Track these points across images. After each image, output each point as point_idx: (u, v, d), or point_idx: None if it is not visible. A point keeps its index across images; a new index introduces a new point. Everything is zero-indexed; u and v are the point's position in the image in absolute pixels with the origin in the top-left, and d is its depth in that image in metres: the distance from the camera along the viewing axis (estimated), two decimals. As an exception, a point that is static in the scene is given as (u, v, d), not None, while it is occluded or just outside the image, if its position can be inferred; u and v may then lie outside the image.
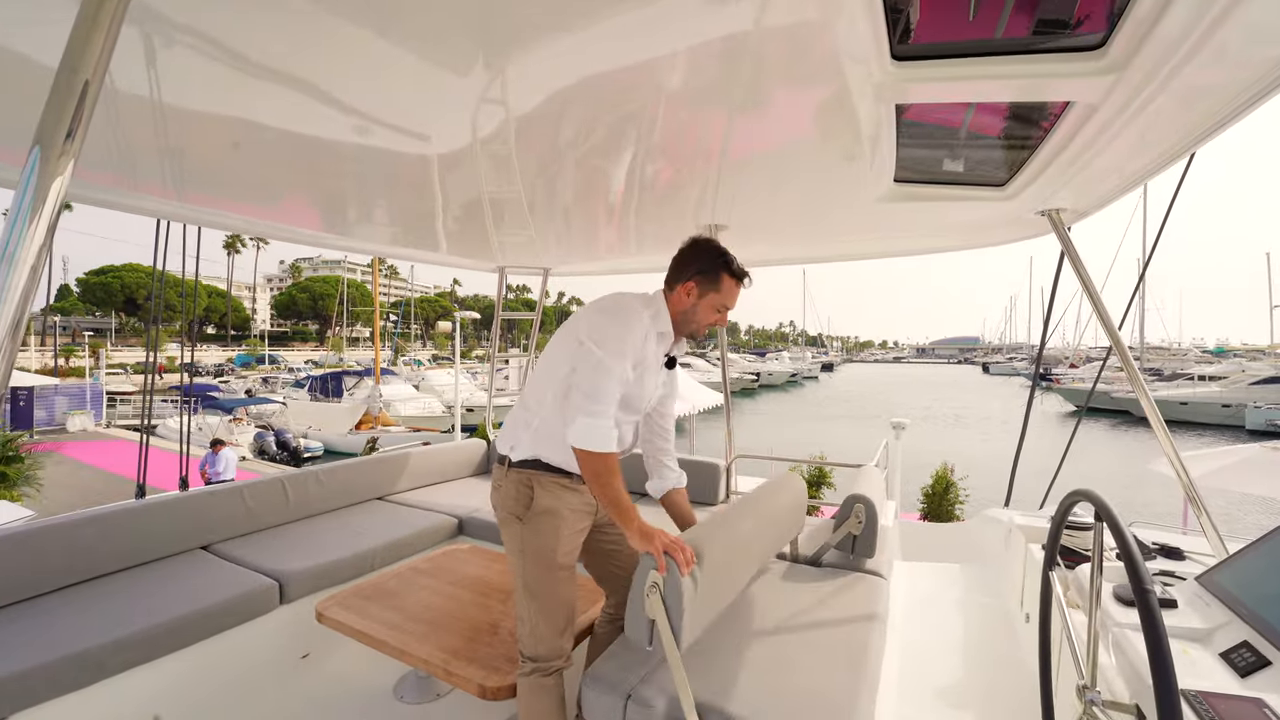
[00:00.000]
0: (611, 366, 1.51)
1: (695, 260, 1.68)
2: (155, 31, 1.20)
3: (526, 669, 1.66)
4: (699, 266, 1.66)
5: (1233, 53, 1.15)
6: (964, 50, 1.30)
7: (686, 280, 1.66)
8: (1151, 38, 1.14)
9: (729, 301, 1.69)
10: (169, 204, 2.41)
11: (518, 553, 1.67)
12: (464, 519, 3.16)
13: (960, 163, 2.04)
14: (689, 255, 1.69)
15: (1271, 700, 1.05)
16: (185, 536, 2.61)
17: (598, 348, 1.53)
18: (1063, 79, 1.32)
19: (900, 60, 1.32)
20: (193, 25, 1.18)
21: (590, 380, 1.51)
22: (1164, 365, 37.67)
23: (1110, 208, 2.27)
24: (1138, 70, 1.24)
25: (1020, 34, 1.25)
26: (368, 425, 17.23)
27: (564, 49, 1.29)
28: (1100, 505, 1.14)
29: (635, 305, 1.64)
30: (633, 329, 1.57)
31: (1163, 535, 2.15)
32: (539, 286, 4.33)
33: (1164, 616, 1.39)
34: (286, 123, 1.67)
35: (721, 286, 1.67)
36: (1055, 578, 1.43)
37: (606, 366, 1.51)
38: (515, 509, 1.66)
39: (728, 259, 1.67)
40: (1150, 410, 2.14)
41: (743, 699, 1.46)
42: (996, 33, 1.25)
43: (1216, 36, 1.08)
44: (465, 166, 2.07)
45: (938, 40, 1.28)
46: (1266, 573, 1.35)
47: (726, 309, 1.70)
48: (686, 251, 1.71)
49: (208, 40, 1.23)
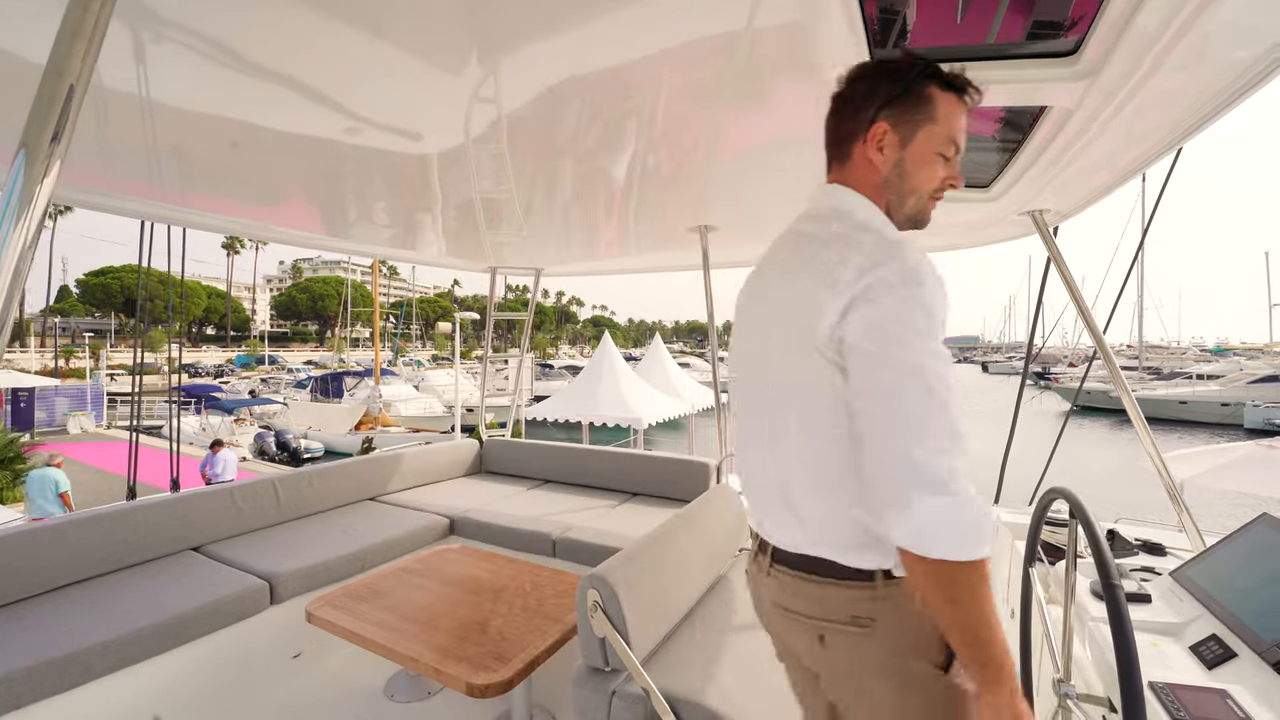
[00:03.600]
0: (943, 371, 0.80)
1: (873, 91, 0.98)
2: (145, 30, 1.20)
3: None
4: (886, 94, 0.97)
5: (1204, 55, 1.17)
6: (941, 55, 1.32)
7: (871, 126, 0.97)
8: (1122, 43, 1.16)
9: (957, 133, 0.98)
10: (158, 206, 2.42)
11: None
12: (456, 519, 3.17)
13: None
14: (861, 89, 0.99)
15: (1234, 691, 1.07)
16: (176, 538, 2.62)
17: (902, 348, 0.81)
18: (1038, 84, 1.34)
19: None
20: (183, 23, 1.18)
21: (916, 411, 0.79)
22: (1163, 364, 37.66)
23: (1111, 204, 2.29)
24: (1111, 75, 1.26)
25: (998, 39, 1.27)
26: (367, 426, 17.26)
27: (553, 50, 1.31)
28: (1074, 502, 1.16)
29: (919, 255, 0.86)
30: (939, 297, 0.84)
31: (1148, 531, 2.17)
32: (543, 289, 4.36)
33: (1139, 611, 1.43)
34: (275, 122, 1.67)
35: (937, 109, 0.96)
36: (1035, 574, 1.44)
37: (936, 374, 0.80)
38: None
39: (927, 63, 0.97)
40: (1132, 408, 2.16)
41: (721, 694, 1.48)
42: (989, 37, 1.26)
43: (1186, 40, 1.10)
44: (456, 167, 2.08)
45: (916, 45, 1.29)
46: (1234, 568, 1.37)
47: (959, 147, 0.99)
48: (854, 84, 1.01)
49: (197, 38, 1.23)
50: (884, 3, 1.16)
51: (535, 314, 4.58)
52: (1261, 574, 1.30)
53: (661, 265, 3.93)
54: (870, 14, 1.17)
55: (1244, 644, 1.16)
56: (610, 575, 1.58)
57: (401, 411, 19.43)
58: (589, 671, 1.60)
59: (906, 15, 1.21)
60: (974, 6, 1.18)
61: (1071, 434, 20.51)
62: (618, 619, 1.53)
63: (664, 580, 1.78)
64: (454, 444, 4.16)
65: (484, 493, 3.62)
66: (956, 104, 0.97)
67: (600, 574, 1.59)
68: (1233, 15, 1.03)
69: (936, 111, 0.96)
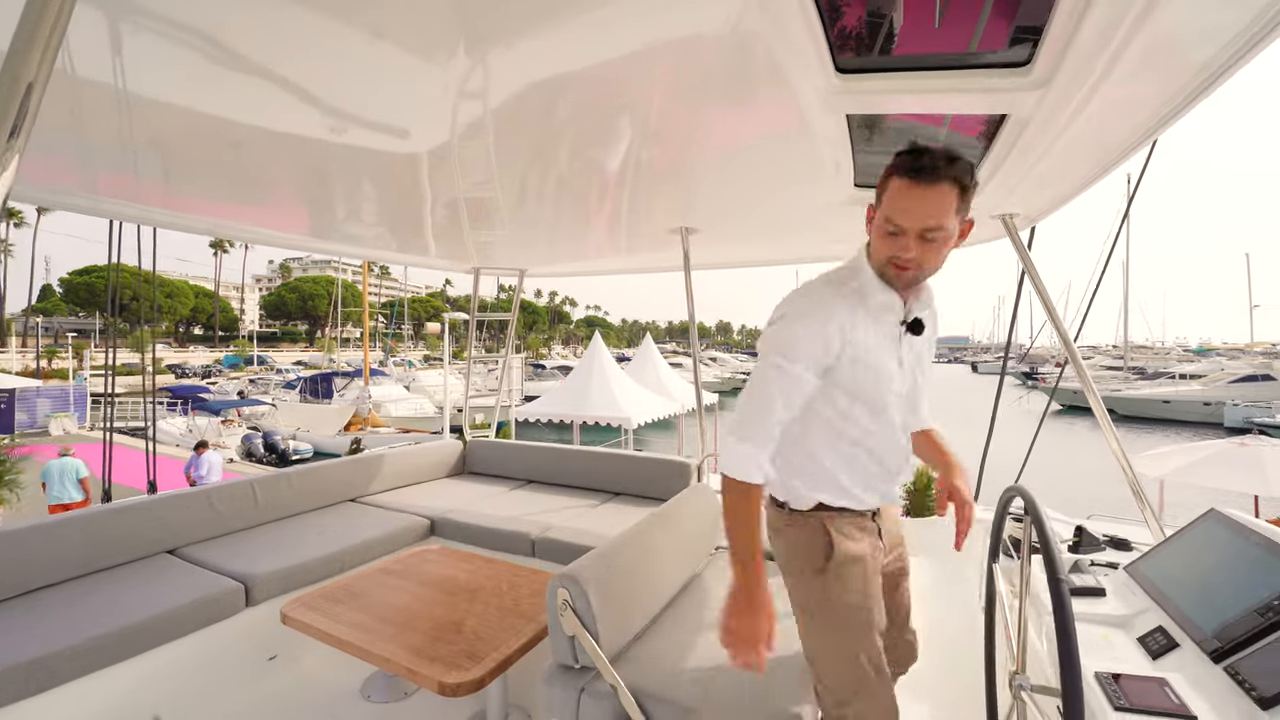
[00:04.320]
0: (768, 374, 1.22)
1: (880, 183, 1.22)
2: (118, 20, 1.17)
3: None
4: (877, 187, 1.23)
5: (1152, 62, 1.19)
6: (902, 64, 1.35)
7: (868, 208, 1.26)
8: (1071, 53, 1.19)
9: (893, 213, 1.16)
10: (131, 206, 2.40)
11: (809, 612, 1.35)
12: (436, 520, 3.17)
13: None
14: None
15: (1173, 680, 1.11)
16: (150, 540, 2.60)
17: (762, 357, 1.26)
18: (995, 94, 1.37)
19: (845, 73, 1.37)
20: (156, 11, 1.15)
21: (744, 396, 1.26)
22: (1148, 364, 38.20)
23: (1101, 207, 2.33)
24: (1063, 84, 1.29)
25: (956, 49, 1.30)
26: (356, 427, 17.15)
27: (531, 49, 1.32)
28: (1027, 501, 1.19)
29: (815, 287, 1.27)
30: (806, 326, 1.22)
31: (1117, 527, 2.22)
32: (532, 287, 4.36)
33: (1094, 605, 1.46)
34: (255, 118, 1.65)
35: (884, 194, 1.18)
36: (998, 570, 1.47)
37: (764, 374, 1.23)
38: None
39: (900, 153, 1.19)
40: (1098, 408, 2.21)
41: (689, 690, 1.50)
42: (949, 47, 1.29)
43: (1132, 48, 1.13)
44: (437, 166, 2.08)
45: (876, 55, 1.32)
46: (1182, 562, 1.41)
47: (898, 226, 1.16)
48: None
49: (170, 26, 1.20)
50: (844, 14, 1.18)
51: (529, 314, 4.59)
52: (1205, 567, 1.34)
53: (644, 266, 3.95)
54: (830, 24, 1.19)
55: (1186, 635, 1.20)
56: (580, 574, 1.60)
57: (392, 412, 19.32)
58: (559, 669, 1.61)
59: (866, 26, 1.23)
60: (931, 18, 1.21)
61: (1061, 432, 20.78)
62: (587, 617, 1.54)
63: (636, 579, 1.79)
64: (437, 445, 4.16)
65: (466, 493, 3.62)
66: (900, 186, 1.16)
67: (570, 573, 1.60)
68: (1174, 23, 1.06)
69: (884, 195, 1.19)
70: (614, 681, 1.48)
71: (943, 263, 1.23)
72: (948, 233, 1.16)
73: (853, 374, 1.24)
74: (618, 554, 1.81)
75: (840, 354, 1.22)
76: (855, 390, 1.25)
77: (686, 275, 3.28)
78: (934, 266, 1.21)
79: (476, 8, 1.17)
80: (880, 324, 1.26)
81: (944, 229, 1.15)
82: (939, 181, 1.13)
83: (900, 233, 1.16)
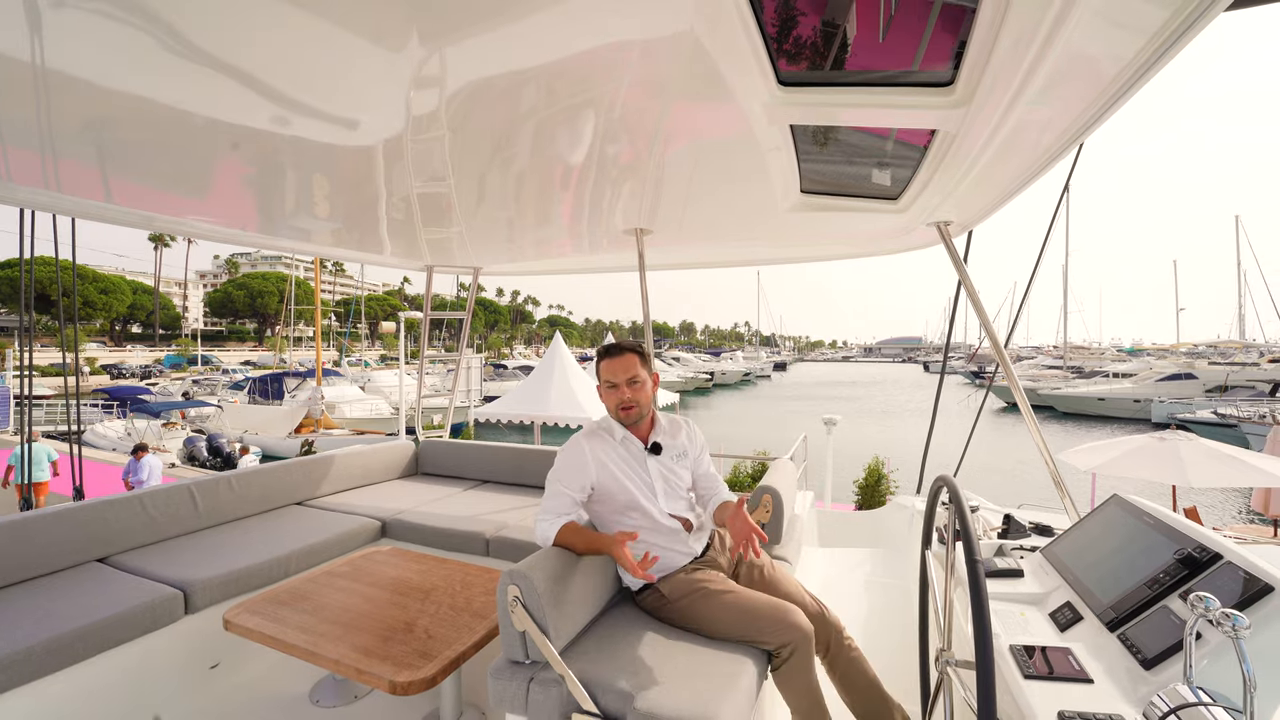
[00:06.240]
0: (550, 487, 1.95)
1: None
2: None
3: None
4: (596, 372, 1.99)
5: (1065, 76, 1.29)
6: (841, 80, 1.42)
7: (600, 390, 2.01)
8: (988, 73, 1.27)
9: (606, 375, 1.93)
10: (47, 195, 2.27)
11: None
12: (387, 521, 3.11)
13: (859, 177, 2.19)
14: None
15: (1076, 648, 1.21)
16: (78, 549, 2.47)
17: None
18: (924, 110, 1.46)
19: (786, 86, 1.43)
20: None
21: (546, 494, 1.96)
22: (1085, 364, 40.48)
23: (1039, 212, 2.48)
24: (983, 101, 1.38)
25: (886, 67, 1.38)
26: (309, 429, 16.55)
27: (485, 45, 1.32)
28: (951, 490, 1.27)
29: (576, 439, 1.97)
30: (567, 459, 1.93)
31: (1043, 515, 2.37)
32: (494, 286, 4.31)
33: (1013, 585, 1.57)
34: (191, 104, 1.58)
35: (600, 372, 1.96)
36: (930, 556, 1.56)
37: (552, 485, 1.94)
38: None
39: (599, 350, 2.00)
40: (1023, 406, 2.36)
41: (634, 679, 1.53)
42: (880, 64, 1.36)
43: (1045, 64, 1.21)
44: (389, 160, 2.05)
45: (812, 69, 1.39)
46: (1086, 544, 1.53)
47: (610, 384, 1.92)
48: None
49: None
50: (786, 29, 1.24)
51: (491, 313, 4.55)
52: (1107, 548, 1.46)
53: (601, 266, 3.98)
54: (772, 38, 1.25)
55: (1088, 609, 1.31)
56: (530, 571, 1.61)
57: (346, 413, 18.72)
58: (509, 664, 1.62)
59: (809, 42, 1.30)
60: (866, 35, 1.28)
61: (1007, 430, 21.88)
62: (537, 612, 1.56)
63: (585, 574, 1.81)
64: (388, 446, 4.07)
65: (418, 494, 3.57)
66: (604, 360, 1.94)
67: (520, 569, 1.61)
68: (1081, 41, 1.15)
69: (600, 373, 1.95)
70: (563, 671, 1.50)
71: (650, 401, 1.94)
72: (643, 379, 1.91)
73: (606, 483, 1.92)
74: (567, 550, 1.83)
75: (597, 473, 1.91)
76: (610, 494, 1.93)
77: (641, 276, 3.32)
78: (646, 403, 1.92)
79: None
80: (628, 450, 1.95)
81: (639, 378, 1.90)
82: (624, 353, 1.93)
83: (617, 388, 1.90)
